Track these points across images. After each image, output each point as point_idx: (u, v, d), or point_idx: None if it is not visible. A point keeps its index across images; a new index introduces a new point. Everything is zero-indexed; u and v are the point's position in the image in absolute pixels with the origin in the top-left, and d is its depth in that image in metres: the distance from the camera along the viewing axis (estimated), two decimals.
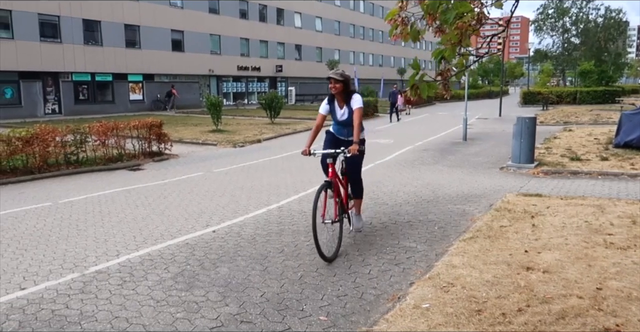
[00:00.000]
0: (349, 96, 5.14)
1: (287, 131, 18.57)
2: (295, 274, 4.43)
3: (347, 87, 5.09)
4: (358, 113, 5.02)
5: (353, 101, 5.11)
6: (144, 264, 4.76)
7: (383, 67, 58.77)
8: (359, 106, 5.06)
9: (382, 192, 8.01)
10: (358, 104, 5.07)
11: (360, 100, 5.12)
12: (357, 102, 5.09)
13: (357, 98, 5.13)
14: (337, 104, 5.23)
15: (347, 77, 5.11)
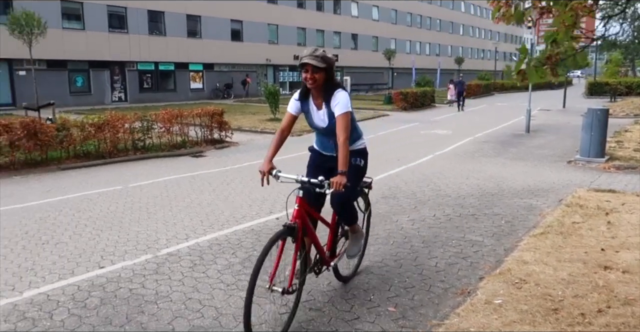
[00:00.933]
0: (329, 92, 3.32)
1: None
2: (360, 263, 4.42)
3: (329, 78, 3.32)
4: (343, 121, 3.24)
5: (335, 102, 3.29)
6: (212, 248, 4.90)
7: (440, 56, 57.37)
8: (345, 111, 3.26)
9: (443, 184, 7.86)
10: (343, 108, 3.27)
11: (346, 101, 3.31)
12: (341, 104, 3.28)
13: (342, 97, 3.30)
14: (313, 103, 3.45)
15: (331, 62, 3.31)
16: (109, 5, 26.49)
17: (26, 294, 3.88)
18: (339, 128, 3.23)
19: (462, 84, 25.55)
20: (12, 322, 3.43)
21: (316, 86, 3.28)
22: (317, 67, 3.20)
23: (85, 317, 3.48)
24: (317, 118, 3.45)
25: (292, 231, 3.18)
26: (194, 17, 30.88)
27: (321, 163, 3.63)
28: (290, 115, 3.50)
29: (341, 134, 3.20)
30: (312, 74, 3.22)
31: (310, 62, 3.19)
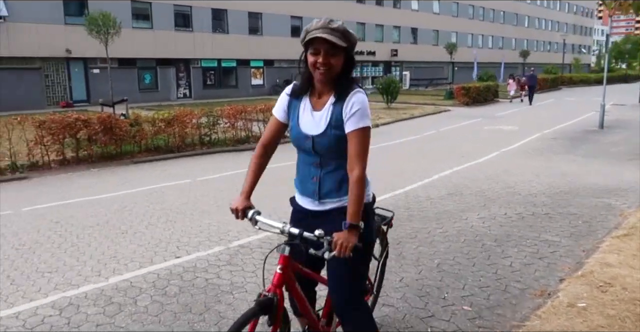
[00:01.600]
0: (344, 89, 2.16)
1: (404, 116, 18.31)
2: (431, 261, 4.36)
3: (348, 68, 2.17)
4: (362, 142, 2.10)
5: (352, 107, 2.12)
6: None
7: (504, 49, 55.38)
8: (365, 126, 2.11)
9: (512, 181, 7.60)
10: (363, 120, 2.11)
11: (367, 109, 2.13)
12: (361, 113, 2.11)
13: (363, 102, 2.13)
14: (309, 101, 2.25)
15: (354, 40, 2.13)
16: (175, 4, 27.41)
17: (111, 280, 4.09)
18: (354, 152, 2.05)
19: (534, 78, 25.07)
20: (101, 306, 3.63)
21: (329, 78, 2.08)
22: (335, 45, 2.01)
23: (167, 304, 3.63)
24: (307, 122, 2.17)
25: (267, 308, 2.04)
26: (255, 14, 31.41)
27: (305, 215, 2.30)
28: (277, 123, 2.28)
29: (356, 164, 2.04)
30: (326, 56, 2.03)
31: (325, 37, 1.99)
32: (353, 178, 2.06)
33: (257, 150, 2.36)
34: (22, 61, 22.00)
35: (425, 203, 6.33)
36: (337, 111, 2.14)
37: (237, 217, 2.22)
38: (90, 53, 22.72)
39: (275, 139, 2.35)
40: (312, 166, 2.25)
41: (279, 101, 2.33)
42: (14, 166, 8.71)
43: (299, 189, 2.35)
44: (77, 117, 9.25)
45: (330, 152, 2.18)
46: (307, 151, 2.23)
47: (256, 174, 2.34)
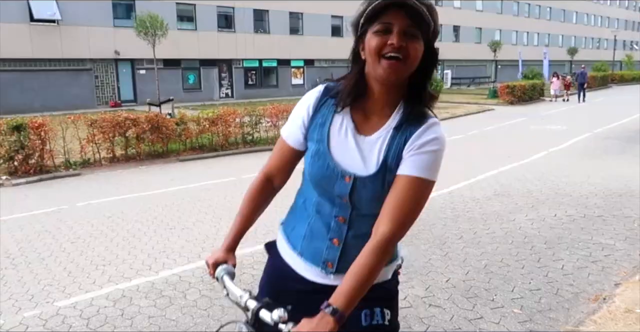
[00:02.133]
0: (420, 108, 1.36)
1: (446, 115, 18.02)
2: (479, 262, 4.28)
3: (428, 67, 1.34)
4: (415, 195, 1.30)
5: (423, 140, 1.32)
6: None
7: (550, 46, 53.69)
8: (428, 178, 1.31)
9: (562, 182, 7.36)
10: (428, 170, 1.31)
11: (441, 154, 1.35)
12: (433, 158, 1.32)
13: (440, 140, 1.34)
14: (351, 118, 1.40)
15: (437, 21, 1.33)
16: (218, 5, 27.92)
17: (161, 274, 4.21)
18: (397, 204, 1.29)
19: (584, 76, 24.63)
20: (152, 299, 3.74)
21: (401, 76, 1.30)
22: (420, 20, 1.27)
23: (215, 298, 3.70)
24: (346, 152, 1.38)
25: None
26: (296, 14, 31.62)
27: (286, 289, 1.53)
28: (288, 150, 1.50)
29: (392, 220, 1.28)
30: (403, 37, 1.26)
31: (408, 2, 1.24)
32: (378, 240, 1.25)
33: (257, 181, 1.57)
34: (74, 63, 22.90)
35: (470, 203, 6.22)
36: (399, 141, 1.33)
37: (211, 274, 1.51)
38: (137, 54, 23.45)
39: (285, 168, 1.54)
40: (334, 220, 1.41)
41: (295, 113, 1.48)
42: (68, 163, 9.08)
43: (299, 248, 1.48)
44: (127, 117, 9.56)
45: (372, 206, 1.33)
46: (335, 198, 1.38)
47: (249, 216, 1.56)
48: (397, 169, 1.33)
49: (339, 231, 1.42)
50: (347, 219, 1.41)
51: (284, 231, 1.58)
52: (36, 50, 21.61)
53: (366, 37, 1.32)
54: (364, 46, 1.33)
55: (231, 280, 1.46)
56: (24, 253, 4.80)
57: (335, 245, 1.42)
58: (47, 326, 3.37)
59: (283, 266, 1.53)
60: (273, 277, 1.59)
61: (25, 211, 6.34)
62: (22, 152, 8.34)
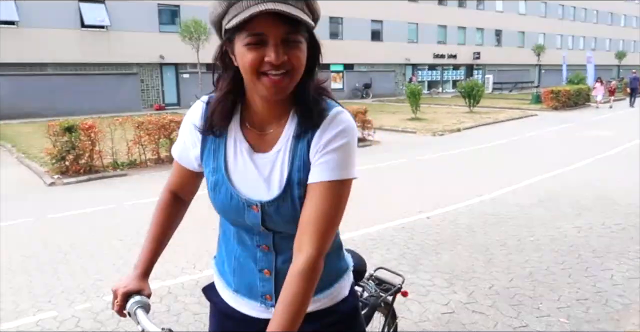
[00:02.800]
0: (313, 107, 1.16)
1: (487, 120, 17.72)
2: (523, 269, 4.20)
3: (312, 61, 1.14)
4: (332, 201, 1.13)
5: (327, 137, 1.14)
6: (365, 242, 5.00)
7: (596, 50, 51.97)
8: (345, 178, 1.14)
9: (610, 189, 7.12)
10: (341, 167, 1.14)
11: (353, 141, 1.16)
12: (342, 152, 1.14)
13: (346, 127, 1.15)
14: (243, 136, 1.21)
15: (316, 9, 1.11)
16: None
17: (205, 273, 4.31)
18: (314, 216, 1.12)
19: (636, 80, 24.29)
20: (197, 296, 3.83)
21: (288, 89, 1.11)
22: (298, 24, 1.05)
23: None
24: (246, 178, 1.21)
25: None
26: (336, 19, 31.75)
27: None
28: (182, 170, 1.37)
29: (312, 238, 1.11)
30: (282, 49, 1.06)
31: (280, 10, 1.01)
32: (303, 262, 1.09)
33: (163, 198, 1.44)
34: (121, 67, 23.71)
35: (514, 209, 6.10)
36: (302, 148, 1.16)
37: (113, 306, 1.32)
38: (181, 59, 24.07)
39: (189, 186, 1.42)
40: (258, 249, 1.25)
41: (182, 135, 1.31)
42: (115, 164, 9.41)
43: (233, 285, 1.33)
44: (171, 119, 9.82)
45: (294, 228, 1.15)
46: (249, 228, 1.23)
47: (160, 237, 1.41)
48: (307, 180, 1.15)
49: (267, 260, 1.25)
50: (271, 246, 1.24)
51: (217, 268, 1.41)
52: (86, 55, 22.50)
53: (235, 47, 1.09)
54: (232, 51, 1.11)
55: (146, 314, 1.25)
56: (75, 249, 5.01)
57: (267, 276, 1.26)
58: (97, 319, 3.51)
59: (225, 307, 1.36)
60: (219, 325, 1.41)
61: (76, 209, 6.61)
62: (73, 153, 8.69)
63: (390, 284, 2.07)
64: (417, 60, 36.80)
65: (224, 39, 1.13)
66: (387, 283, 2.08)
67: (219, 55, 1.16)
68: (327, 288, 1.29)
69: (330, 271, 1.27)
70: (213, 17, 1.12)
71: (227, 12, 1.08)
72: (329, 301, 1.30)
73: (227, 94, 1.20)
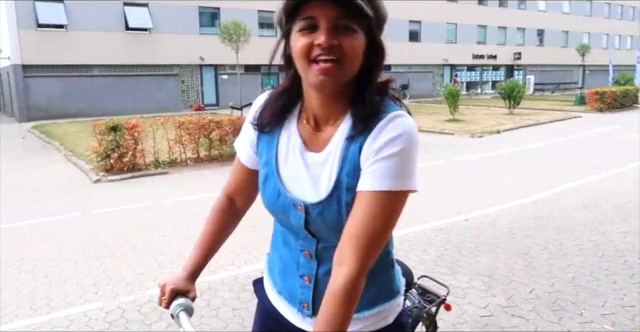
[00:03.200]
0: (371, 108, 1.08)
1: (528, 122, 17.30)
2: (565, 274, 4.10)
3: (374, 61, 1.09)
4: (382, 213, 1.04)
5: (381, 142, 1.05)
6: (403, 243, 4.98)
7: None
8: (399, 189, 1.04)
9: None
10: (394, 177, 1.04)
11: (411, 149, 1.06)
12: (398, 160, 1.04)
13: (404, 132, 1.05)
14: (298, 133, 1.17)
15: (382, 8, 1.08)
16: None
17: (243, 269, 4.40)
18: (360, 230, 1.04)
19: None
20: (235, 292, 3.92)
21: (339, 81, 1.05)
22: (353, 10, 1.01)
23: None
24: (295, 176, 1.16)
25: None
26: None
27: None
28: (244, 170, 1.33)
29: (355, 253, 1.03)
30: (332, 33, 1.02)
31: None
32: (341, 282, 1.02)
33: (218, 202, 1.42)
34: (162, 68, 24.35)
35: (556, 213, 5.95)
36: (354, 151, 1.09)
37: (160, 301, 1.32)
38: (220, 60, 24.51)
39: (246, 189, 1.36)
40: (301, 254, 1.21)
41: (245, 125, 1.29)
42: (157, 162, 9.67)
43: (277, 285, 1.31)
44: (211, 119, 10.03)
45: (338, 237, 1.08)
46: (294, 229, 1.19)
47: (211, 242, 1.39)
48: (356, 186, 1.08)
49: (309, 267, 1.20)
50: (313, 254, 1.18)
51: (267, 264, 1.38)
52: (130, 56, 23.21)
53: (291, 38, 1.08)
54: (290, 44, 1.10)
55: (188, 318, 1.25)
56: (119, 244, 5.18)
57: (307, 283, 1.20)
58: (141, 311, 3.63)
59: (269, 306, 1.34)
60: (262, 322, 1.39)
61: (120, 205, 6.84)
62: (117, 151, 8.99)
63: (434, 294, 1.96)
64: (455, 61, 36.28)
65: (283, 33, 1.11)
66: (431, 293, 1.97)
67: (281, 54, 1.14)
68: (374, 306, 1.20)
69: (377, 290, 1.21)
70: (277, 14, 1.10)
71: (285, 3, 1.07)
72: (367, 325, 1.21)
73: (283, 91, 1.18)
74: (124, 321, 3.49)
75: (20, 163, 10.72)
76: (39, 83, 21.55)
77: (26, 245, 5.23)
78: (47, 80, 21.70)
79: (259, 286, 1.42)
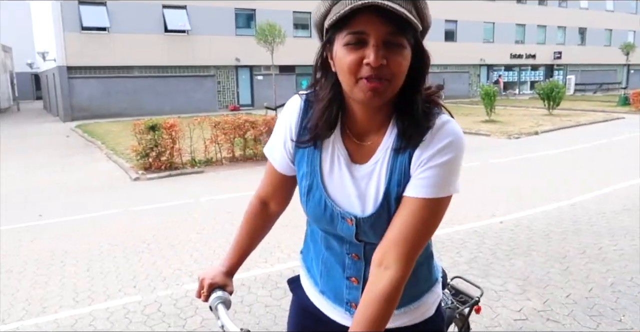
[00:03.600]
0: (419, 119, 1.07)
1: (568, 124, 16.84)
2: (604, 279, 3.99)
3: (418, 72, 1.08)
4: (427, 219, 1.07)
5: (431, 150, 1.06)
6: (435, 245, 4.92)
7: None
8: (445, 195, 1.08)
9: None
10: (443, 185, 1.06)
11: (459, 156, 1.07)
12: (447, 167, 1.06)
13: (454, 140, 1.06)
14: (343, 145, 1.16)
15: (428, 17, 1.09)
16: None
17: (276, 267, 4.46)
18: (404, 233, 1.06)
19: None
20: (268, 289, 3.98)
21: (387, 97, 1.04)
22: (404, 23, 0.99)
23: None
24: (342, 189, 1.15)
25: None
26: None
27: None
28: (273, 174, 1.32)
29: (399, 254, 1.06)
30: (382, 50, 0.99)
31: (385, 5, 0.95)
32: (385, 285, 1.04)
33: (251, 206, 1.43)
34: (199, 69, 24.82)
35: (596, 217, 5.79)
36: (402, 161, 1.09)
37: (198, 294, 1.38)
38: (256, 61, 24.82)
39: (280, 193, 1.37)
40: (347, 257, 1.22)
41: (278, 132, 1.26)
42: (193, 161, 9.89)
43: (319, 286, 1.31)
44: (246, 119, 10.18)
45: (379, 237, 1.13)
46: (340, 237, 1.21)
47: (246, 242, 1.43)
48: (396, 200, 1.10)
49: (356, 269, 1.21)
50: (361, 256, 1.20)
51: (305, 264, 1.39)
52: (168, 58, 23.77)
53: (334, 48, 1.05)
54: (332, 55, 1.07)
55: (226, 310, 1.30)
56: (156, 240, 5.34)
57: (355, 284, 1.22)
58: (177, 306, 3.73)
59: (308, 304, 1.36)
60: (299, 319, 1.42)
61: (158, 203, 7.03)
62: (155, 150, 9.23)
63: (467, 295, 1.96)
64: (492, 61, 35.61)
65: (324, 41, 1.08)
66: (464, 294, 1.97)
67: (319, 60, 1.11)
68: (414, 301, 1.24)
69: (419, 282, 1.24)
70: (316, 17, 1.08)
71: (330, 11, 1.03)
72: (412, 318, 1.24)
73: (330, 102, 1.12)
74: (161, 315, 3.60)
75: (64, 161, 11.15)
76: (83, 84, 22.31)
77: (70, 239, 5.45)
78: (90, 81, 22.45)
79: (295, 284, 1.44)
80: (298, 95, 1.22)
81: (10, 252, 5.06)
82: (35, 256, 4.94)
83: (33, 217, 6.41)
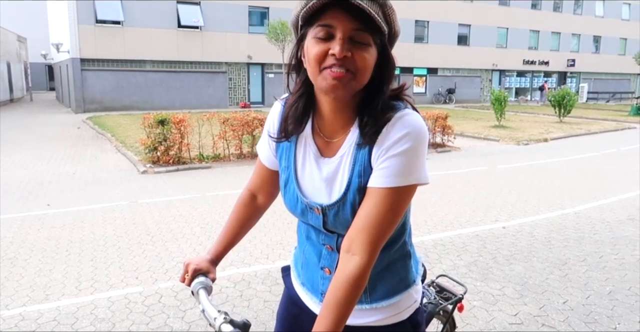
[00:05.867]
0: (380, 114, 1.13)
1: (578, 132, 16.76)
2: (602, 287, 4.00)
3: (384, 73, 1.14)
4: (389, 208, 1.11)
5: (389, 140, 1.11)
6: (436, 247, 4.98)
7: None
8: (408, 184, 1.11)
9: None
10: (403, 174, 1.10)
11: (420, 145, 1.11)
12: (407, 156, 1.10)
13: (412, 130, 1.11)
14: (313, 141, 1.25)
15: (395, 23, 1.16)
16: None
17: (277, 264, 4.51)
18: (368, 222, 1.11)
19: None
20: (268, 285, 4.03)
21: (351, 90, 1.10)
22: (369, 21, 1.06)
23: None
24: (312, 182, 1.25)
25: None
26: (422, 23, 31.36)
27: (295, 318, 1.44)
28: (262, 169, 1.45)
29: (363, 243, 1.11)
30: (348, 43, 1.07)
31: (355, 1, 1.02)
32: (351, 271, 1.09)
33: (241, 197, 1.51)
34: (211, 65, 24.94)
35: (599, 226, 5.79)
36: (364, 156, 1.15)
37: (182, 278, 1.40)
38: (267, 59, 24.90)
39: (267, 187, 1.48)
40: (323, 248, 1.29)
41: (264, 133, 1.38)
42: (201, 156, 9.96)
43: (301, 277, 1.41)
44: (255, 116, 10.24)
45: (348, 226, 1.18)
46: (316, 227, 1.28)
47: (233, 233, 1.48)
48: (360, 191, 1.16)
49: (330, 259, 1.28)
50: (334, 247, 1.26)
51: (293, 256, 1.49)
52: (180, 53, 23.91)
53: (305, 44, 1.12)
54: (304, 53, 1.14)
55: (207, 296, 1.34)
56: (161, 232, 5.41)
57: (327, 274, 1.28)
58: (177, 297, 3.79)
59: (294, 294, 1.43)
60: (285, 307, 1.49)
61: (164, 196, 7.11)
62: (164, 144, 9.32)
63: (451, 293, 1.99)
64: (505, 66, 35.47)
65: (298, 38, 1.15)
66: (448, 292, 1.99)
67: (293, 57, 1.19)
68: (386, 298, 1.28)
69: (393, 278, 1.28)
70: (293, 17, 1.16)
71: (303, 9, 1.10)
72: (383, 318, 1.28)
73: (299, 98, 1.22)
74: (161, 306, 3.66)
75: (75, 152, 11.28)
76: (95, 76, 22.51)
77: (76, 229, 5.54)
78: (103, 74, 22.65)
79: (286, 273, 1.54)
80: (278, 100, 1.34)
81: (17, 240, 5.15)
82: (41, 244, 5.02)
83: (41, 207, 6.51)
